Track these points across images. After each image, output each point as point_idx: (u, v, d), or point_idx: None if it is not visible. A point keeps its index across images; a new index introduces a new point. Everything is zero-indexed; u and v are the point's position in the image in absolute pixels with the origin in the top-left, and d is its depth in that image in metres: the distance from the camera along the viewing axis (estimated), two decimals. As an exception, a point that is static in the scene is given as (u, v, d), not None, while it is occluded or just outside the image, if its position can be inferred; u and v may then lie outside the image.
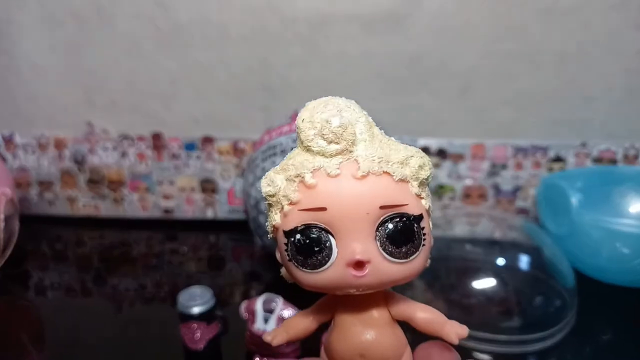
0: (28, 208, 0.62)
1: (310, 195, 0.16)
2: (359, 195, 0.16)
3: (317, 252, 0.16)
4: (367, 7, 0.53)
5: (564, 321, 0.37)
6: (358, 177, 0.16)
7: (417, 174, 0.17)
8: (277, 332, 0.20)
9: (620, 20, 0.52)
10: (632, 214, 0.47)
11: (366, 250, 0.16)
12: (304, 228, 0.16)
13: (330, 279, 0.17)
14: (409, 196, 0.17)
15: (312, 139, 0.17)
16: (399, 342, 0.18)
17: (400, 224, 0.16)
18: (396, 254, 0.16)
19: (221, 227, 0.61)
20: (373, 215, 0.16)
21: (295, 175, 0.17)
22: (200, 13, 0.55)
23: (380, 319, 0.18)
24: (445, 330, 0.17)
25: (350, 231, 0.16)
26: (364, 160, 0.16)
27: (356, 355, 0.17)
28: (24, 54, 0.58)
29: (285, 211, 0.17)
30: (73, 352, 0.38)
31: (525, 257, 0.42)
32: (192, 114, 0.59)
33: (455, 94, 0.56)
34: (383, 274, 0.16)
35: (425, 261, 0.17)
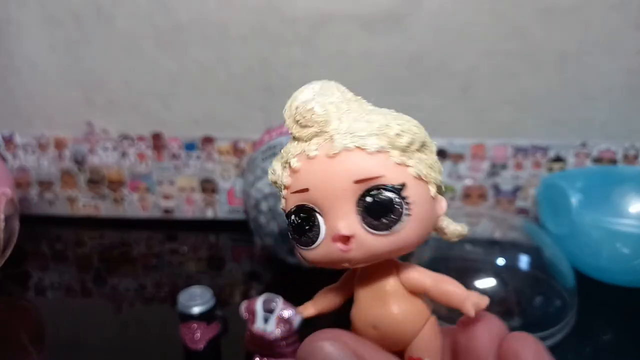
0: (28, 208, 0.62)
1: (296, 179, 0.18)
2: (332, 173, 0.17)
3: (308, 230, 0.17)
4: (367, 7, 0.53)
5: (564, 321, 0.37)
6: (331, 156, 0.17)
7: (394, 143, 0.17)
8: (307, 305, 0.21)
9: (620, 20, 0.52)
10: (632, 214, 0.47)
11: (348, 225, 0.16)
12: (296, 209, 0.17)
13: (323, 254, 0.17)
14: (387, 167, 0.17)
15: (292, 126, 0.18)
16: (416, 314, 0.18)
17: (377, 197, 0.16)
18: (377, 226, 0.16)
19: (221, 227, 0.61)
20: (349, 190, 0.16)
21: (285, 161, 0.18)
22: (200, 13, 0.55)
23: (393, 291, 0.18)
24: (463, 303, 0.17)
25: (333, 208, 0.17)
26: (337, 138, 0.17)
27: (369, 327, 0.18)
28: (23, 54, 0.57)
29: (284, 195, 0.18)
30: (73, 352, 0.38)
31: (525, 257, 0.42)
32: (192, 114, 0.59)
33: (456, 94, 0.56)
34: (368, 247, 0.17)
35: (418, 231, 0.17)
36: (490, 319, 0.18)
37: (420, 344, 0.18)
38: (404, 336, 0.18)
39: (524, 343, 0.16)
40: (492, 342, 0.17)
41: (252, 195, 0.44)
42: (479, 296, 0.17)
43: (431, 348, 0.18)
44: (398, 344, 0.18)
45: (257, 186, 0.43)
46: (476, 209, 0.57)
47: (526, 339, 0.17)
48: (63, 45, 0.57)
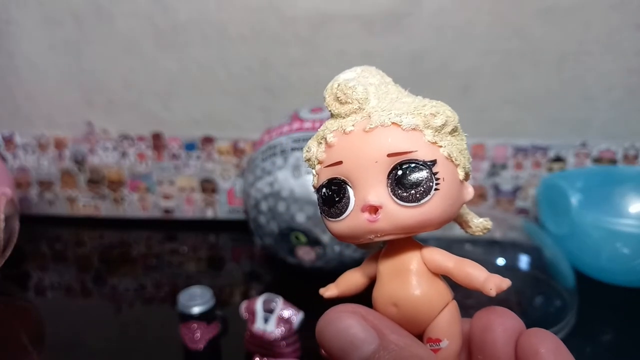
0: (28, 208, 0.62)
1: (331, 153, 0.18)
2: (367, 146, 0.18)
3: (338, 201, 0.18)
4: (367, 7, 0.53)
5: (564, 321, 0.37)
6: (367, 130, 0.18)
7: (428, 122, 0.18)
8: (329, 286, 0.21)
9: (620, 20, 0.52)
10: (632, 214, 0.47)
11: (377, 195, 0.17)
12: (327, 182, 0.18)
13: (350, 225, 0.18)
14: (420, 144, 0.17)
15: (332, 103, 0.19)
16: (437, 295, 0.18)
17: (407, 169, 0.17)
18: (406, 198, 0.17)
19: (221, 227, 0.61)
20: (382, 163, 0.17)
21: (321, 137, 0.19)
22: (200, 13, 0.54)
23: (416, 271, 0.18)
24: (484, 284, 0.17)
25: (363, 180, 0.17)
26: (374, 114, 0.18)
27: (390, 305, 0.18)
28: (23, 54, 0.57)
29: (317, 171, 0.19)
30: (73, 353, 0.38)
31: (525, 257, 0.42)
32: (192, 114, 0.59)
33: (456, 94, 0.56)
34: (396, 218, 0.17)
35: (445, 207, 0.18)
36: (507, 313, 0.18)
37: (440, 325, 0.18)
38: (424, 316, 0.18)
39: (544, 339, 0.16)
40: (508, 336, 0.17)
41: (252, 195, 0.44)
42: (500, 278, 0.17)
43: (451, 331, 0.18)
44: (418, 324, 0.18)
45: (257, 186, 0.43)
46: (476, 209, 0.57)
47: (545, 335, 0.16)
48: (63, 45, 0.57)
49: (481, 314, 0.18)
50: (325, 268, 0.43)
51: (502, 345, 0.17)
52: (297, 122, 0.44)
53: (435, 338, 0.18)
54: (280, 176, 0.42)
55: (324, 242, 0.41)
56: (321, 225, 0.41)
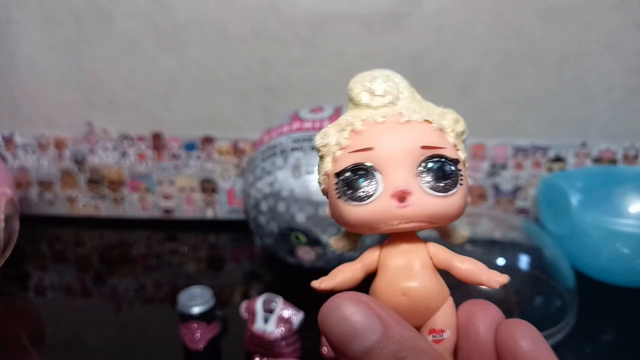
0: (28, 208, 0.62)
1: (359, 139, 0.19)
2: (402, 136, 0.19)
3: (365, 186, 0.18)
4: (367, 6, 0.53)
5: (564, 321, 0.37)
6: (402, 122, 0.19)
7: (453, 126, 0.20)
8: (325, 278, 0.21)
9: (620, 20, 0.52)
10: (632, 214, 0.47)
11: (408, 182, 0.18)
12: (353, 166, 0.19)
13: (376, 210, 0.18)
14: (447, 143, 0.19)
15: (361, 94, 0.20)
16: (441, 288, 0.19)
17: (438, 162, 0.18)
18: (435, 188, 0.18)
19: (221, 227, 0.61)
20: (415, 154, 0.18)
21: (346, 124, 0.20)
22: (200, 13, 0.54)
23: (422, 265, 0.19)
24: (485, 278, 0.19)
25: (394, 167, 0.18)
26: (407, 110, 0.19)
27: (399, 294, 0.19)
28: (23, 54, 0.57)
29: (337, 156, 0.19)
30: (73, 353, 0.38)
31: (525, 257, 0.42)
32: (192, 114, 0.59)
33: (456, 94, 0.56)
34: (424, 205, 0.18)
35: (463, 203, 0.19)
36: (488, 304, 0.19)
37: (442, 318, 0.19)
38: (431, 308, 0.19)
39: (520, 328, 0.17)
40: (489, 324, 0.18)
41: (252, 195, 0.44)
42: (500, 274, 0.19)
43: (451, 323, 0.19)
44: (421, 316, 0.19)
45: (257, 186, 0.43)
46: (476, 209, 0.57)
47: (522, 324, 0.17)
48: (63, 45, 0.57)
49: (465, 306, 0.19)
50: (325, 268, 0.43)
51: (484, 332, 0.18)
52: (297, 122, 0.44)
53: (439, 329, 0.19)
54: (280, 176, 0.42)
55: (324, 242, 0.41)
56: (321, 225, 0.41)
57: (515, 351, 0.17)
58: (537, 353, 0.16)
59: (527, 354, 0.16)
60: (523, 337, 0.17)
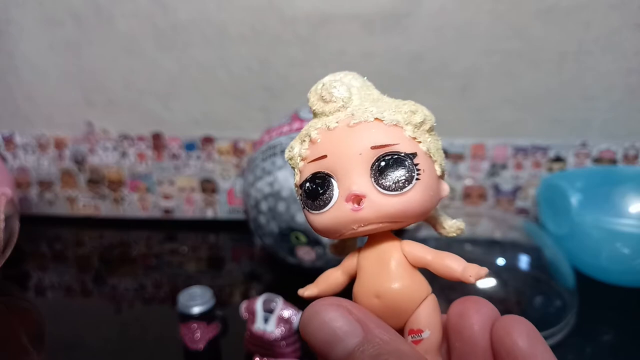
0: (28, 208, 0.62)
1: (315, 149, 0.19)
2: (351, 139, 0.19)
3: (322, 194, 0.19)
4: (367, 6, 0.53)
5: (564, 321, 0.37)
6: (351, 125, 0.19)
7: (409, 119, 0.19)
8: (309, 286, 0.22)
9: (620, 20, 0.52)
10: (632, 214, 0.47)
11: (361, 185, 0.18)
12: (311, 176, 0.19)
13: (334, 216, 0.18)
14: (401, 138, 0.19)
15: (315, 103, 0.20)
16: (418, 287, 0.19)
17: (391, 160, 0.18)
18: (389, 187, 0.18)
19: (221, 227, 0.61)
20: (366, 155, 0.18)
21: (304, 135, 0.20)
22: (200, 13, 0.54)
23: (397, 263, 0.19)
24: (462, 273, 0.18)
25: (347, 172, 0.18)
26: (358, 111, 0.19)
27: (372, 297, 0.19)
28: (23, 54, 0.57)
29: (300, 168, 0.20)
30: (73, 353, 0.38)
31: (525, 257, 0.42)
32: (192, 114, 0.59)
33: (456, 94, 0.55)
34: (379, 207, 0.18)
35: (426, 198, 0.18)
36: (482, 300, 0.19)
37: (421, 316, 0.18)
38: (406, 308, 0.18)
39: (517, 324, 0.17)
40: (484, 321, 0.18)
41: (252, 195, 0.44)
42: (478, 267, 0.18)
43: (432, 322, 0.18)
44: (400, 315, 0.18)
45: (257, 186, 0.43)
46: (476, 209, 0.57)
47: (519, 320, 0.17)
48: (63, 45, 0.57)
49: (457, 303, 0.19)
50: (325, 268, 0.43)
51: (479, 330, 0.18)
52: (297, 122, 0.44)
53: (417, 329, 0.18)
54: (280, 176, 0.42)
55: (323, 242, 0.41)
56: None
57: (512, 349, 0.16)
58: (535, 350, 0.16)
59: (525, 351, 0.16)
60: (520, 335, 0.16)
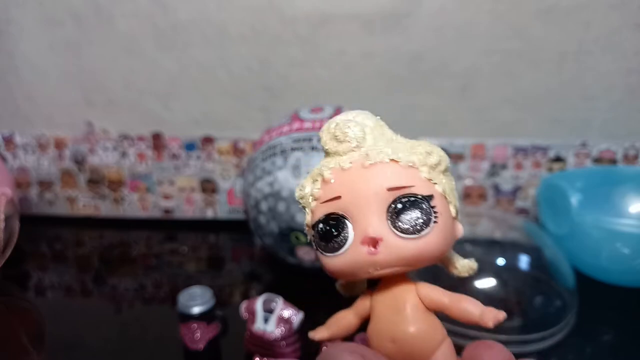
0: (28, 208, 0.62)
1: (328, 189, 0.19)
2: (367, 180, 0.18)
3: (336, 236, 0.18)
4: (367, 6, 0.53)
5: (564, 321, 0.37)
6: (366, 166, 0.18)
7: (424, 160, 0.18)
8: (319, 329, 0.21)
9: (620, 20, 0.52)
10: (632, 214, 0.47)
11: (377, 227, 0.17)
12: (324, 218, 0.18)
13: (350, 259, 0.18)
14: (417, 180, 0.18)
15: (328, 143, 0.19)
16: (433, 331, 0.18)
17: (408, 203, 0.17)
18: (406, 230, 0.17)
19: (221, 227, 0.61)
20: (382, 196, 0.18)
21: (317, 175, 0.19)
22: (200, 13, 0.55)
23: (412, 308, 0.18)
24: (481, 317, 0.18)
25: (363, 214, 0.18)
26: (372, 152, 0.19)
27: (387, 341, 0.18)
28: (23, 54, 0.58)
29: (312, 208, 0.19)
30: (73, 352, 0.38)
31: (526, 257, 0.42)
32: (192, 114, 0.59)
33: (456, 94, 0.56)
34: (396, 250, 0.17)
35: (442, 241, 0.18)
36: (496, 345, 0.18)
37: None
38: (422, 352, 0.18)
39: None
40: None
41: (252, 195, 0.44)
42: (496, 310, 0.18)
43: None
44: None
45: (257, 186, 0.43)
46: (476, 209, 0.57)
47: None
48: (63, 45, 0.57)
49: (471, 347, 0.19)
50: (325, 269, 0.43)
51: None
52: (297, 122, 0.44)
53: None
54: (280, 176, 0.42)
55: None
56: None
57: None
58: None
59: None
60: None
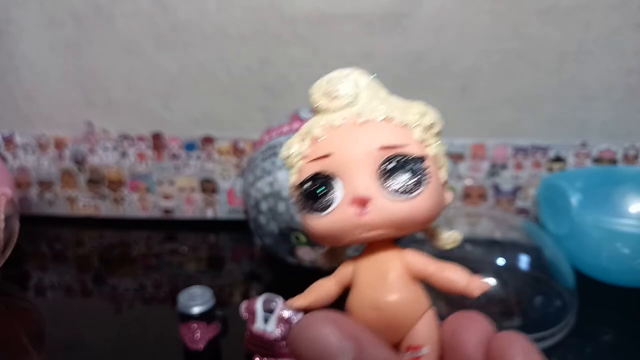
0: (28, 208, 0.62)
1: (318, 147, 0.18)
2: (358, 138, 0.17)
3: (323, 195, 0.17)
4: (367, 6, 0.53)
5: (564, 321, 0.37)
6: (359, 124, 0.18)
7: (419, 120, 0.18)
8: (298, 297, 0.20)
9: (620, 20, 0.52)
10: (632, 214, 0.47)
11: (367, 187, 0.17)
12: (312, 176, 0.18)
13: (336, 220, 0.17)
14: (410, 140, 0.18)
15: (319, 99, 0.19)
16: (418, 300, 0.18)
17: (400, 162, 0.17)
18: (397, 190, 0.17)
19: (221, 227, 0.61)
20: (373, 156, 0.17)
21: (306, 132, 0.19)
22: (200, 13, 0.54)
23: (398, 275, 0.18)
24: (466, 287, 0.17)
25: (353, 173, 0.17)
26: (365, 110, 0.18)
27: (370, 309, 0.17)
28: (23, 54, 0.57)
29: (300, 167, 0.18)
30: (73, 352, 0.38)
31: (526, 257, 0.42)
32: (192, 114, 0.59)
33: (456, 94, 0.55)
34: (385, 211, 0.17)
35: (434, 204, 0.17)
36: (477, 316, 0.18)
37: (420, 332, 0.17)
38: (406, 322, 0.17)
39: (513, 341, 0.16)
40: (477, 339, 0.17)
41: (252, 195, 0.44)
42: (481, 279, 0.17)
43: (431, 338, 0.17)
44: (398, 330, 0.17)
45: (257, 186, 0.43)
46: (476, 209, 0.57)
47: (515, 337, 0.16)
48: (63, 45, 0.57)
49: (451, 319, 0.18)
50: (325, 268, 0.43)
51: (473, 350, 0.17)
52: (297, 122, 0.44)
53: (416, 345, 0.17)
54: (280, 176, 0.42)
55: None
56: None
57: None
58: None
59: None
60: (517, 354, 0.15)
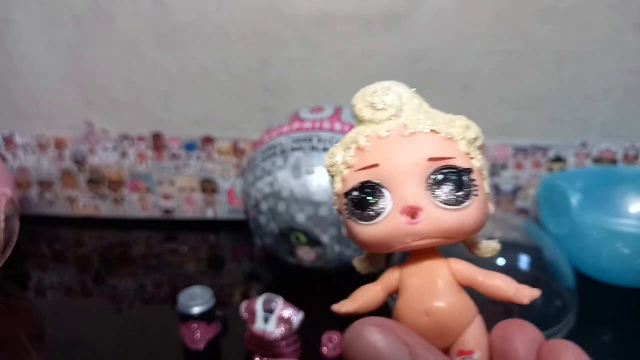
0: (28, 208, 0.62)
1: (364, 157, 0.18)
2: (407, 149, 0.18)
3: (373, 204, 0.18)
4: (367, 6, 0.53)
5: (564, 321, 0.37)
6: (406, 135, 0.18)
7: (463, 134, 0.18)
8: (345, 301, 0.21)
9: (620, 20, 0.52)
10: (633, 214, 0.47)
11: (417, 197, 0.17)
12: (360, 185, 0.18)
13: (387, 228, 0.17)
14: (457, 152, 0.18)
15: (364, 109, 0.19)
16: (466, 308, 0.18)
17: (448, 174, 0.17)
18: (447, 201, 0.17)
19: (221, 227, 0.61)
20: (422, 166, 0.17)
21: (351, 142, 0.19)
22: (200, 13, 0.54)
23: (446, 282, 0.18)
24: (515, 294, 0.18)
25: (401, 183, 0.17)
26: (411, 121, 0.18)
27: (421, 314, 0.18)
28: (23, 54, 0.57)
29: (344, 175, 0.19)
30: (73, 353, 0.38)
31: (526, 257, 0.42)
32: (192, 114, 0.59)
33: (456, 94, 0.55)
34: (436, 221, 0.17)
35: (481, 214, 0.18)
36: (527, 325, 0.18)
37: (470, 338, 0.18)
38: (456, 328, 0.18)
39: (565, 349, 0.16)
40: (528, 346, 0.17)
41: (252, 195, 0.44)
42: (530, 288, 0.18)
43: (481, 343, 0.18)
44: (449, 335, 0.18)
45: (257, 186, 0.43)
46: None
47: (567, 345, 0.16)
48: (63, 45, 0.57)
49: (501, 325, 0.18)
50: (326, 268, 0.43)
51: (524, 355, 0.17)
52: (297, 122, 0.44)
53: (468, 350, 0.18)
54: (280, 176, 0.42)
55: (324, 242, 0.41)
56: (321, 225, 0.41)
57: None
58: None
59: None
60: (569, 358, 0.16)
